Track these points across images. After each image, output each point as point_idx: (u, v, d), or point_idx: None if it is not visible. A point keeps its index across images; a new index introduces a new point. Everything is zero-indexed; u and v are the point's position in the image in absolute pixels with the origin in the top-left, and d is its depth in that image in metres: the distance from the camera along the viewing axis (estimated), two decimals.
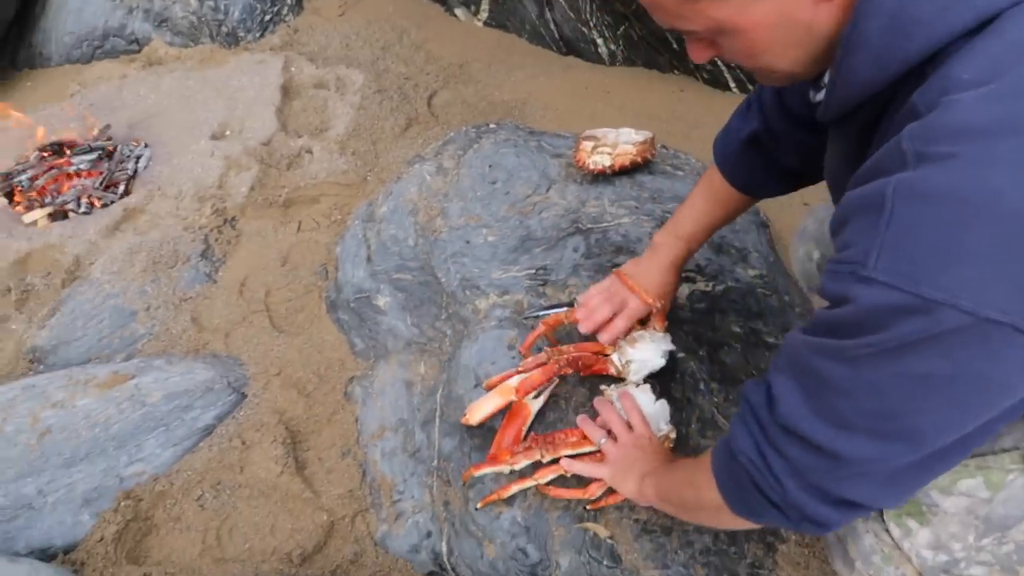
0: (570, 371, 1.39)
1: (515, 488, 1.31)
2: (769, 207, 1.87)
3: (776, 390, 0.75)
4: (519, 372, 1.39)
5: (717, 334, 1.52)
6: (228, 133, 2.38)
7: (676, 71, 2.49)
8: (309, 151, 2.28)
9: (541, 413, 1.39)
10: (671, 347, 1.38)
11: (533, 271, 1.64)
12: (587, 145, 1.80)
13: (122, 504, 1.46)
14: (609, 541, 1.26)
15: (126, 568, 1.41)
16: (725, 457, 0.84)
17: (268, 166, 2.22)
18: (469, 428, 1.40)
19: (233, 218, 2.08)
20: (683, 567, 1.23)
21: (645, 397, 1.33)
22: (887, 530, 0.95)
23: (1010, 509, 0.89)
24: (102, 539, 1.42)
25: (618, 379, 1.39)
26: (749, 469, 0.79)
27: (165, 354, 1.76)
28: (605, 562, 1.26)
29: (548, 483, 1.28)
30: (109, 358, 1.77)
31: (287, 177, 2.20)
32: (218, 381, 1.67)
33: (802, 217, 1.47)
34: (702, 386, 1.43)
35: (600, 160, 1.77)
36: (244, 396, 1.67)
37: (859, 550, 1.01)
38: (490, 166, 1.88)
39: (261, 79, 2.54)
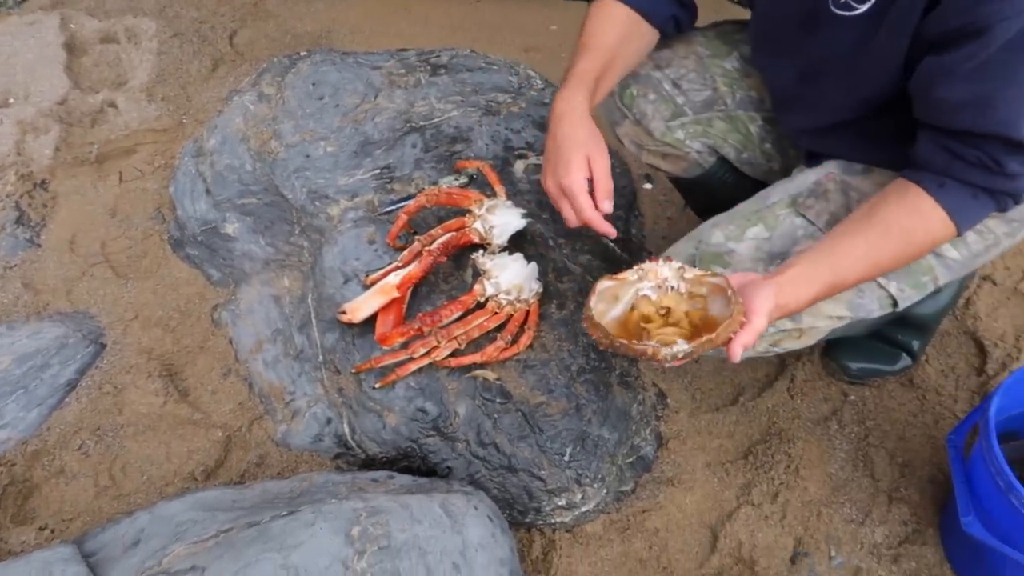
0: (444, 259, 1.48)
1: (414, 367, 1.39)
2: None
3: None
4: (396, 268, 1.46)
5: None
6: (12, 100, 2.21)
7: None
8: (112, 104, 2.17)
9: (415, 289, 1.48)
10: (522, 210, 1.51)
11: (378, 171, 1.71)
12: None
13: None
14: (498, 382, 1.39)
15: (16, 531, 1.35)
16: (957, 189, 1.00)
17: (70, 125, 2.09)
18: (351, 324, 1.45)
19: (43, 181, 1.95)
20: (565, 387, 1.39)
21: (518, 263, 1.45)
22: None
23: (784, 240, 1.16)
24: None
25: (482, 246, 1.50)
26: (980, 181, 0.98)
27: (2, 323, 1.65)
28: (498, 400, 1.38)
29: (445, 357, 1.38)
30: None
31: (94, 133, 2.09)
32: (71, 336, 1.60)
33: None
34: (551, 242, 1.59)
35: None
36: (104, 346, 1.62)
37: None
38: (313, 84, 1.90)
39: (38, 41, 2.36)
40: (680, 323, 1.01)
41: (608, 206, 1.19)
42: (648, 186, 1.95)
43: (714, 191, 1.45)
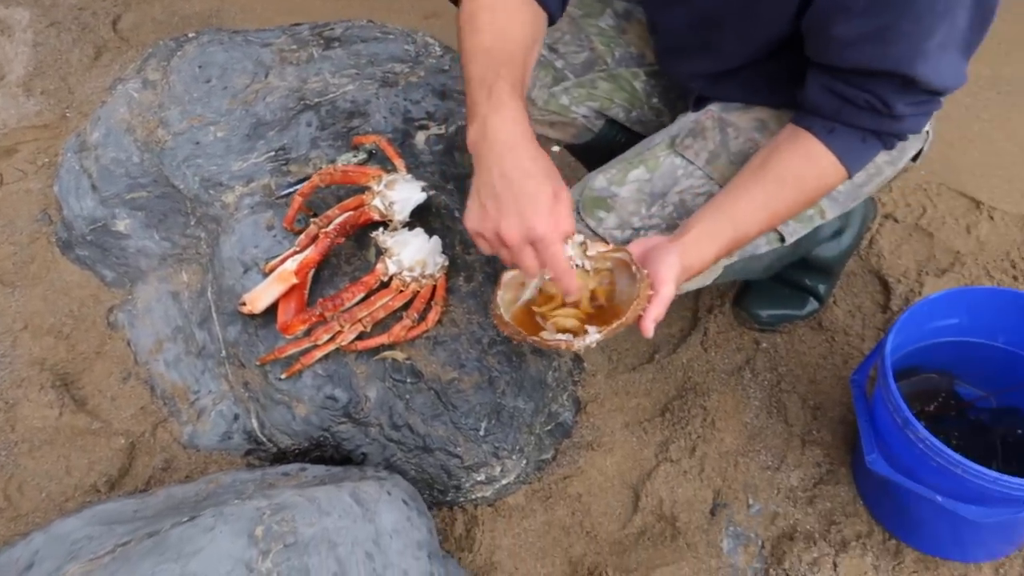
0: (342, 240, 1.43)
1: (319, 355, 1.35)
2: None
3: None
4: (294, 253, 1.41)
5: (459, 168, 1.63)
6: None
7: None
8: None
9: (317, 273, 1.43)
10: (423, 183, 1.47)
11: (272, 153, 1.64)
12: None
13: None
14: (408, 362, 1.36)
15: None
16: (846, 134, 1.00)
17: None
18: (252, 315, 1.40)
19: None
20: (477, 361, 1.36)
21: (419, 239, 1.41)
22: (587, 224, 1.16)
23: (665, 181, 1.16)
24: None
25: (383, 223, 1.45)
26: (868, 124, 0.98)
27: None
28: (408, 380, 1.35)
29: (351, 341, 1.33)
30: None
31: None
32: None
33: None
34: (456, 213, 1.55)
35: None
36: None
37: None
38: (200, 66, 1.81)
39: None
40: (581, 303, 0.99)
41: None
42: (556, 148, 1.92)
43: (609, 154, 1.43)
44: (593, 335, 0.91)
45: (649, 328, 0.93)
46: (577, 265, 0.99)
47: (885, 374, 1.08)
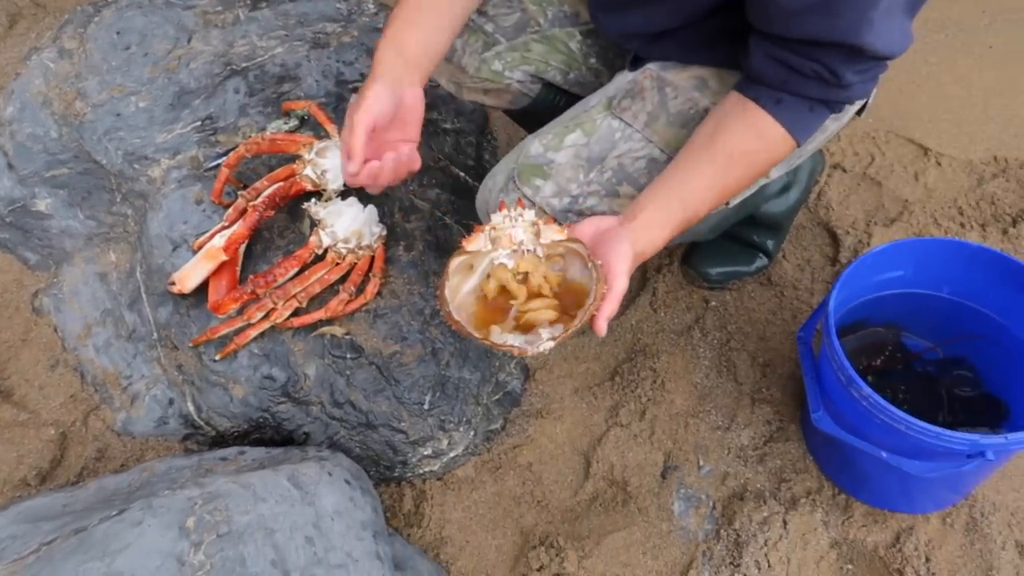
0: (272, 213, 1.36)
1: (254, 333, 1.29)
2: None
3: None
4: (222, 228, 1.34)
5: None
6: None
7: None
8: None
9: (248, 248, 1.37)
10: None
11: (198, 123, 1.56)
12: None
13: None
14: (347, 337, 1.31)
15: None
16: (794, 104, 0.96)
17: None
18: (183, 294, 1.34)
19: None
20: (419, 333, 1.32)
21: (354, 208, 1.35)
22: (524, 193, 1.11)
23: (602, 145, 1.11)
24: None
25: (316, 193, 1.39)
26: (816, 93, 0.95)
27: None
28: (348, 356, 1.31)
29: (287, 318, 1.28)
30: None
31: None
32: None
33: None
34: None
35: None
36: None
37: None
38: (118, 32, 1.71)
39: None
40: (542, 289, 0.94)
41: (349, 167, 1.09)
42: None
43: (550, 118, 1.37)
44: (547, 343, 0.87)
45: (603, 328, 0.89)
46: (528, 250, 0.94)
47: (829, 332, 1.06)
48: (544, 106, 1.37)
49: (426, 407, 1.30)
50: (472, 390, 1.34)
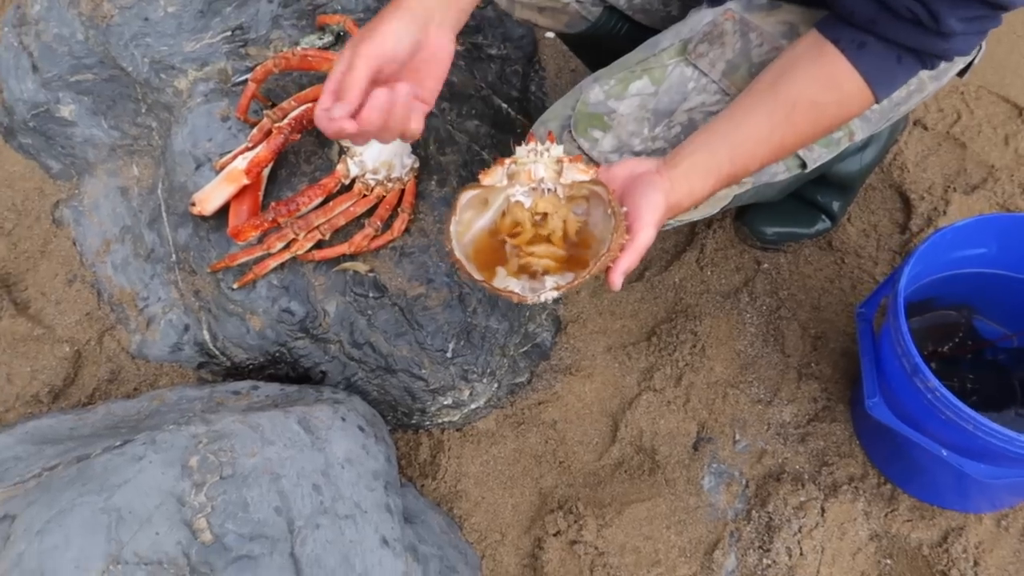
0: (298, 136, 1.27)
1: (273, 264, 1.23)
2: None
3: None
4: (246, 150, 1.26)
5: None
6: None
7: None
8: None
9: (273, 172, 1.29)
10: None
11: (229, 33, 1.46)
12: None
13: None
14: (371, 275, 1.24)
15: None
16: (880, 50, 0.83)
17: None
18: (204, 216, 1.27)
19: None
20: (447, 276, 1.24)
21: None
22: (579, 146, 1.00)
23: (672, 96, 0.98)
24: None
25: None
26: (908, 40, 0.81)
27: None
28: (371, 295, 1.24)
29: (308, 250, 1.21)
30: None
31: None
32: None
33: None
34: (433, 109, 1.38)
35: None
36: None
37: None
38: None
39: None
40: (554, 234, 0.84)
41: (337, 109, 0.84)
42: (550, 35, 1.72)
43: (606, 47, 1.24)
44: (549, 290, 0.77)
45: (617, 282, 0.79)
46: (548, 189, 0.84)
47: (896, 312, 0.95)
48: (603, 32, 1.23)
49: (449, 355, 1.23)
50: (499, 340, 1.27)
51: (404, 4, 0.87)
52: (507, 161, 0.86)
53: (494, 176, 0.86)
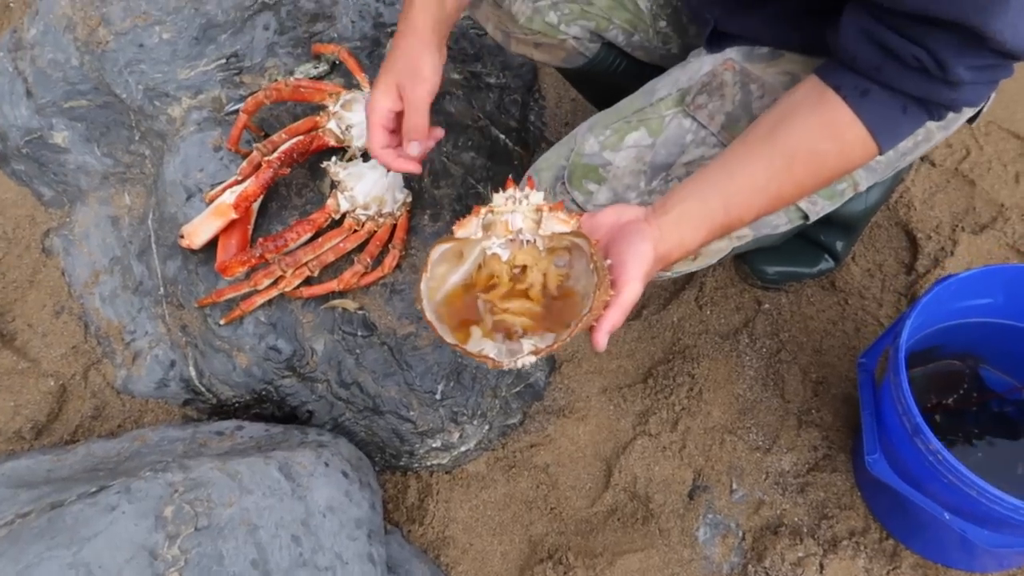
0: (288, 171, 1.24)
1: (260, 301, 1.20)
2: None
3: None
4: (235, 183, 1.24)
5: None
6: None
7: None
8: None
9: (264, 205, 1.27)
10: None
11: (224, 60, 1.44)
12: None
13: None
14: (360, 312, 1.21)
15: None
16: (884, 99, 0.79)
17: None
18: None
19: None
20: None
21: (377, 171, 1.23)
22: (573, 199, 0.95)
23: (670, 149, 0.95)
24: None
25: (340, 150, 1.27)
26: (914, 89, 0.77)
27: None
28: (360, 333, 1.21)
29: (296, 287, 1.19)
30: None
31: None
32: None
33: None
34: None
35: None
36: None
37: None
38: None
39: None
40: (532, 290, 0.80)
41: (414, 148, 1.02)
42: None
43: (604, 82, 1.21)
44: (527, 354, 0.73)
45: (602, 341, 0.74)
46: (526, 241, 0.80)
47: (897, 368, 0.91)
48: (601, 69, 1.20)
49: (438, 396, 1.19)
50: (490, 381, 1.23)
51: (420, 32, 0.97)
52: (483, 210, 0.82)
53: (469, 228, 0.81)
